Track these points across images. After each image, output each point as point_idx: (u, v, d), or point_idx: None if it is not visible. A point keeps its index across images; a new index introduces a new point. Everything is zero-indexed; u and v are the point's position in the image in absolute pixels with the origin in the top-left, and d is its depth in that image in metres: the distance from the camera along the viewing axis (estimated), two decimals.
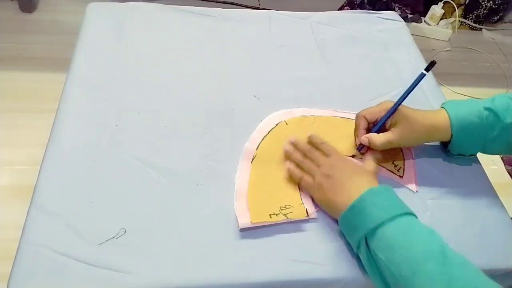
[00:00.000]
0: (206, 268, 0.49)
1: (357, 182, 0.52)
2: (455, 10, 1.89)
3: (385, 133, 0.58)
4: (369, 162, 0.57)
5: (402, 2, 1.90)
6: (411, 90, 0.59)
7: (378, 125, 0.59)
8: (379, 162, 0.60)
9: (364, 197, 0.49)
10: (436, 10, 1.85)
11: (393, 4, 1.89)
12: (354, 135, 0.62)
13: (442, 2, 1.83)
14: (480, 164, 0.65)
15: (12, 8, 1.65)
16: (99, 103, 0.63)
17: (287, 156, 0.60)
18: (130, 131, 0.61)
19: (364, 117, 0.60)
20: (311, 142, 0.61)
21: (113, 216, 0.51)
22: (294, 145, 0.60)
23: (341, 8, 1.89)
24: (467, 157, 0.63)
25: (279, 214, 0.54)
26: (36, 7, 1.67)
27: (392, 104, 0.58)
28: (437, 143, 0.66)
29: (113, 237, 0.49)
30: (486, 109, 0.57)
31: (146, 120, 0.62)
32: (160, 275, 0.47)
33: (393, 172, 0.61)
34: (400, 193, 0.58)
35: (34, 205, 0.51)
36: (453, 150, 0.62)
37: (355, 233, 0.49)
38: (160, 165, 0.57)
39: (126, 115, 0.63)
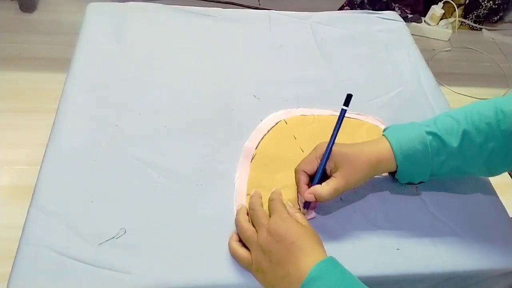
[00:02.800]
0: (206, 268, 0.49)
1: (297, 261, 0.45)
2: (455, 10, 1.89)
3: (328, 181, 0.52)
4: (297, 215, 0.51)
5: (402, 2, 1.90)
6: (338, 128, 0.55)
7: (317, 176, 0.53)
8: None
9: None
10: (436, 10, 1.85)
11: (393, 4, 1.89)
12: (297, 193, 0.56)
13: (442, 2, 1.83)
14: None
15: (12, 8, 1.65)
16: (99, 103, 0.63)
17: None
18: (130, 131, 0.61)
19: (303, 170, 0.54)
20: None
21: (113, 216, 0.51)
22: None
23: (341, 8, 1.89)
24: (416, 184, 0.58)
25: None
26: (36, 7, 1.67)
27: (336, 156, 0.53)
28: None
29: (113, 237, 0.49)
30: (429, 133, 0.53)
31: (146, 120, 0.62)
32: (160, 275, 0.47)
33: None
34: (401, 194, 0.59)
35: (34, 205, 0.51)
36: (401, 180, 0.57)
37: None
38: (160, 165, 0.57)
39: (126, 115, 0.63)
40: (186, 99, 0.66)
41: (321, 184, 0.52)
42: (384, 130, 0.57)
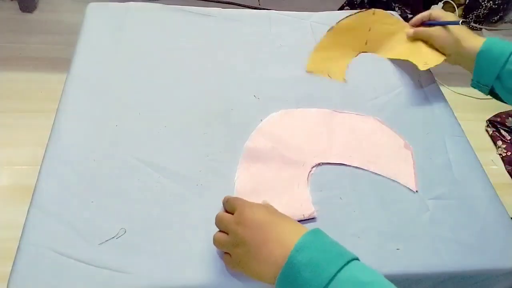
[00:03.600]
0: (206, 268, 0.49)
1: (277, 233, 0.44)
2: (455, 10, 1.89)
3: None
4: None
5: (402, 2, 1.90)
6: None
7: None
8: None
9: (292, 261, 0.41)
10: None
11: (393, 4, 1.89)
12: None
13: (442, 2, 1.83)
14: (480, 164, 0.65)
15: (12, 8, 1.64)
16: (99, 103, 0.63)
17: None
18: (130, 131, 0.61)
19: (431, 14, 0.78)
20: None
21: (113, 216, 0.51)
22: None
23: (341, 8, 1.88)
24: (483, 87, 0.70)
25: None
26: (36, 7, 1.67)
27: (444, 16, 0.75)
28: (440, 142, 0.66)
29: (113, 237, 0.49)
30: None
31: (146, 120, 0.62)
32: (160, 275, 0.47)
33: None
34: (401, 194, 0.59)
35: (34, 205, 0.51)
36: (473, 75, 0.70)
37: None
38: (160, 165, 0.57)
39: (126, 115, 0.63)
40: (186, 99, 0.66)
41: None
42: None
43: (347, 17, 0.82)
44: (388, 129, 0.67)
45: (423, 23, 0.80)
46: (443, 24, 0.74)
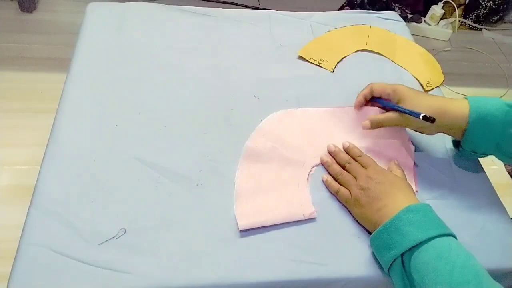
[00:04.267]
0: (206, 268, 0.49)
1: (395, 197, 0.52)
2: (455, 10, 1.89)
3: (387, 113, 0.61)
4: (397, 170, 0.58)
5: (402, 2, 1.90)
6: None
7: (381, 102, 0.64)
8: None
9: (401, 216, 0.49)
10: (436, 10, 1.85)
11: (393, 4, 1.89)
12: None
13: (442, 2, 1.83)
14: (480, 164, 0.65)
15: (12, 8, 1.64)
16: (99, 103, 0.63)
17: (326, 167, 0.61)
18: (130, 131, 0.61)
19: (371, 88, 0.63)
20: (349, 153, 0.62)
21: (113, 216, 0.51)
22: (333, 155, 0.62)
23: (341, 8, 1.88)
24: (478, 155, 0.61)
25: None
26: (36, 7, 1.67)
27: (402, 92, 0.59)
28: (440, 142, 0.66)
29: (113, 237, 0.49)
30: (508, 105, 0.56)
31: (146, 120, 0.62)
32: (160, 275, 0.47)
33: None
34: None
35: (34, 205, 0.51)
36: (466, 144, 0.59)
37: (389, 251, 0.48)
38: (160, 165, 0.57)
39: (126, 115, 0.63)
40: (186, 99, 0.66)
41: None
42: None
43: (344, 26, 0.84)
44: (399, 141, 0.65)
45: (371, 101, 0.66)
46: (400, 111, 0.59)
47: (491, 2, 1.88)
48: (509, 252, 0.55)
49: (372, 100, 0.65)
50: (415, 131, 0.61)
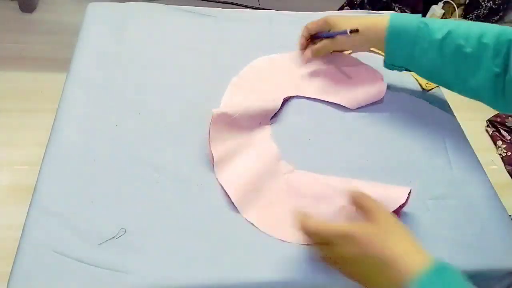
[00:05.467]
0: (206, 268, 0.49)
1: (393, 277, 0.41)
2: (455, 10, 1.89)
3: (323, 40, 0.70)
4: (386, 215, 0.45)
5: (402, 2, 1.90)
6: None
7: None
8: None
9: None
10: (436, 10, 1.85)
11: (393, 4, 1.89)
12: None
13: (442, 2, 1.83)
14: (480, 164, 0.65)
15: (12, 8, 1.64)
16: (99, 103, 0.63)
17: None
18: (130, 131, 0.61)
19: (307, 27, 0.71)
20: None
21: (113, 216, 0.51)
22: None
23: (341, 8, 1.88)
24: (397, 68, 0.66)
25: None
26: (36, 7, 1.67)
27: (331, 20, 0.68)
28: (440, 142, 0.66)
29: (113, 237, 0.49)
30: (422, 22, 0.61)
31: (146, 120, 0.62)
32: (160, 275, 0.47)
33: None
34: None
35: (34, 205, 0.51)
36: (386, 58, 0.66)
37: None
38: (160, 165, 0.57)
39: (126, 115, 0.63)
40: (186, 99, 0.66)
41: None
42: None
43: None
44: (365, 65, 0.74)
45: (313, 37, 0.73)
46: (332, 36, 0.68)
47: (491, 2, 1.88)
48: (509, 252, 0.55)
49: (314, 37, 0.73)
50: (351, 52, 0.73)
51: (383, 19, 0.64)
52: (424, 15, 1.93)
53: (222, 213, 0.54)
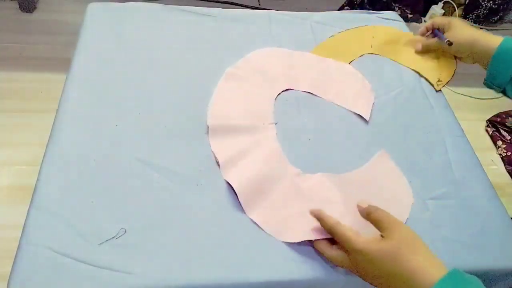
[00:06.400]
0: (206, 268, 0.49)
1: (412, 281, 0.41)
2: (455, 10, 1.89)
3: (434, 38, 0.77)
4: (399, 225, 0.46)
5: (402, 2, 1.90)
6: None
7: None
8: None
9: None
10: (436, 10, 1.85)
11: (393, 4, 1.89)
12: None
13: (442, 2, 1.83)
14: (480, 164, 0.65)
15: (12, 8, 1.64)
16: (99, 103, 0.63)
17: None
18: (130, 131, 0.61)
19: (434, 21, 0.78)
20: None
21: (113, 216, 0.51)
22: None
23: (341, 8, 1.88)
24: (495, 87, 0.69)
25: None
26: (36, 7, 1.67)
27: (452, 24, 0.74)
28: (440, 142, 0.66)
29: (113, 237, 0.49)
30: None
31: (146, 120, 0.62)
32: (160, 275, 0.47)
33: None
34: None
35: (34, 205, 0.51)
36: (487, 75, 0.69)
37: None
38: (160, 165, 0.57)
39: (126, 115, 0.62)
40: (186, 99, 0.66)
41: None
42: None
43: (347, 30, 0.84)
44: (359, 73, 0.76)
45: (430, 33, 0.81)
46: (438, 37, 0.77)
47: (491, 2, 1.88)
48: (509, 252, 0.55)
49: (433, 32, 0.79)
50: (456, 57, 0.78)
51: (496, 38, 0.66)
52: (424, 15, 1.94)
53: (222, 213, 0.53)
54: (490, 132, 1.51)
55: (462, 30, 0.72)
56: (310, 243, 0.52)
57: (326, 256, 0.49)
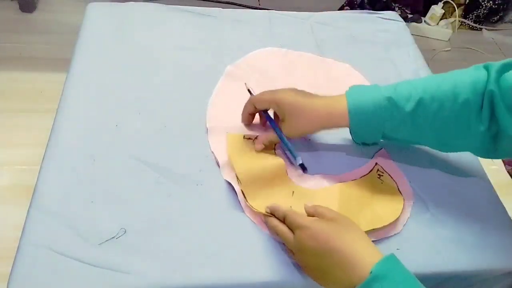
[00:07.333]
0: (206, 268, 0.49)
1: (345, 266, 0.43)
2: (455, 10, 1.89)
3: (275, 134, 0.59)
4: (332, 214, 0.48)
5: (402, 2, 1.90)
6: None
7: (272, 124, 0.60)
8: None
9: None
10: (436, 10, 1.85)
11: (393, 4, 1.89)
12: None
13: (442, 2, 1.83)
14: (480, 164, 0.65)
15: (12, 8, 1.64)
16: (99, 103, 0.63)
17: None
18: (130, 131, 0.61)
19: (254, 104, 0.59)
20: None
21: (113, 216, 0.51)
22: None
23: (341, 8, 1.88)
24: (370, 145, 0.62)
25: None
26: (36, 7, 1.67)
27: (286, 108, 0.56)
28: None
29: (113, 237, 0.49)
30: (386, 98, 0.54)
31: (146, 120, 0.62)
32: (160, 275, 0.47)
33: None
34: None
35: (34, 205, 0.51)
36: (354, 138, 0.59)
37: None
38: (160, 165, 0.57)
39: (126, 115, 0.63)
40: (186, 99, 0.66)
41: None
42: (347, 91, 0.57)
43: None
44: (359, 74, 0.76)
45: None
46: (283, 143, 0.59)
47: (491, 2, 1.88)
48: (509, 252, 0.55)
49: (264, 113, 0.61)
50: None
51: (339, 103, 0.55)
52: (424, 15, 1.94)
53: (222, 213, 0.53)
54: None
55: (304, 118, 0.56)
56: None
57: (277, 230, 0.49)
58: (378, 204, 0.56)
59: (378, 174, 0.60)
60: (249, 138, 0.61)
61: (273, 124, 0.59)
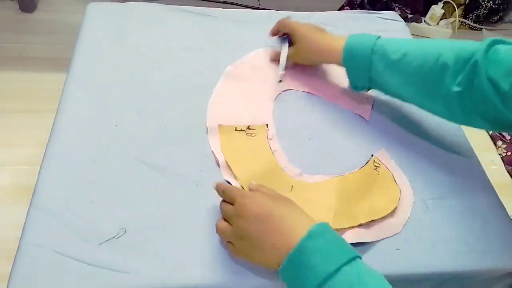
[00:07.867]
0: (206, 268, 0.49)
1: (281, 231, 0.44)
2: (455, 10, 1.89)
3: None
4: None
5: (402, 2, 1.90)
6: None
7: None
8: None
9: (304, 245, 0.42)
10: (436, 10, 1.85)
11: (393, 4, 1.89)
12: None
13: (442, 2, 1.83)
14: (480, 164, 0.65)
15: (12, 8, 1.64)
16: (99, 103, 0.63)
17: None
18: (130, 131, 0.61)
19: (283, 23, 0.72)
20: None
21: (113, 216, 0.51)
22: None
23: (341, 8, 1.88)
24: (360, 88, 0.66)
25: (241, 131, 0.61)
26: (36, 7, 1.67)
27: (299, 35, 0.68)
28: (440, 142, 0.66)
29: (113, 237, 0.49)
30: (378, 45, 0.60)
31: (146, 120, 0.62)
32: (160, 275, 0.47)
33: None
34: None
35: (34, 205, 0.51)
36: (348, 79, 0.66)
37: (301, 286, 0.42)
38: (160, 165, 0.57)
39: (126, 115, 0.63)
40: (186, 99, 0.66)
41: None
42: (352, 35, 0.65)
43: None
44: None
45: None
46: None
47: (491, 2, 1.88)
48: (509, 252, 0.55)
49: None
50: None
51: (339, 41, 0.64)
52: (424, 15, 1.94)
53: None
54: (490, 132, 1.51)
55: (307, 44, 0.67)
56: None
57: (222, 210, 0.49)
58: (375, 195, 0.57)
59: (375, 166, 0.60)
60: (241, 130, 0.61)
61: (285, 42, 0.72)
